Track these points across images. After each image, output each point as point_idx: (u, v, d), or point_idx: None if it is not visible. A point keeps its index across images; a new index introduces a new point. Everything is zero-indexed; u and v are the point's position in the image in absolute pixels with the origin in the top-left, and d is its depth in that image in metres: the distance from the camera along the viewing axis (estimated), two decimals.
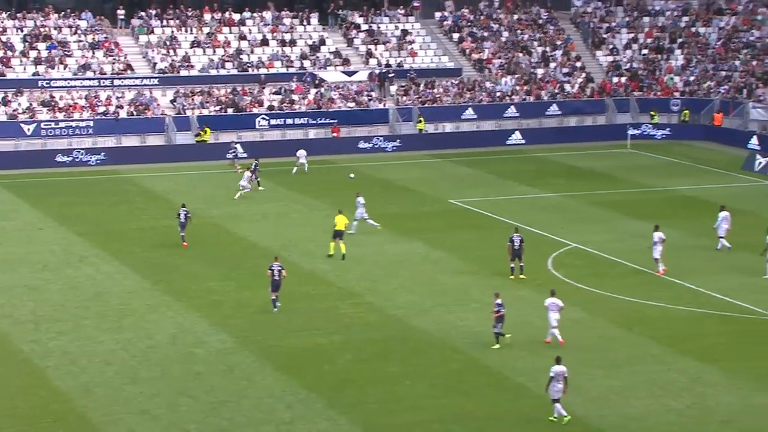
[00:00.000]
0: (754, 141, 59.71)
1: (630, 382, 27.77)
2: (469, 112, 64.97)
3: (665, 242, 37.27)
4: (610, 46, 70.99)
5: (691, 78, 67.46)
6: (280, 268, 33.38)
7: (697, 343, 30.49)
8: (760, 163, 55.15)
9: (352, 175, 51.31)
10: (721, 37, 69.39)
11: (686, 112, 65.47)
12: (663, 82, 67.70)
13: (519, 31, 71.37)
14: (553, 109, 66.01)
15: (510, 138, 63.51)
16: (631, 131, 63.12)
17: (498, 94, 66.23)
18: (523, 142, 63.26)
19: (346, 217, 40.28)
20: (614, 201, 48.91)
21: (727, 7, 71.51)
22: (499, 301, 30.18)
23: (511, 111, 65.41)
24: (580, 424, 25.60)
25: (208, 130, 59.55)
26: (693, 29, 70.90)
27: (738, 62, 66.73)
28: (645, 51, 70.32)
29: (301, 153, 54.71)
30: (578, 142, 63.26)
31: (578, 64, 69.42)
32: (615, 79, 68.06)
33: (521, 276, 36.64)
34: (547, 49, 70.15)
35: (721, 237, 39.87)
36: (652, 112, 65.63)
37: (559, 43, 70.60)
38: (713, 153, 60.22)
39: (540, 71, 68.53)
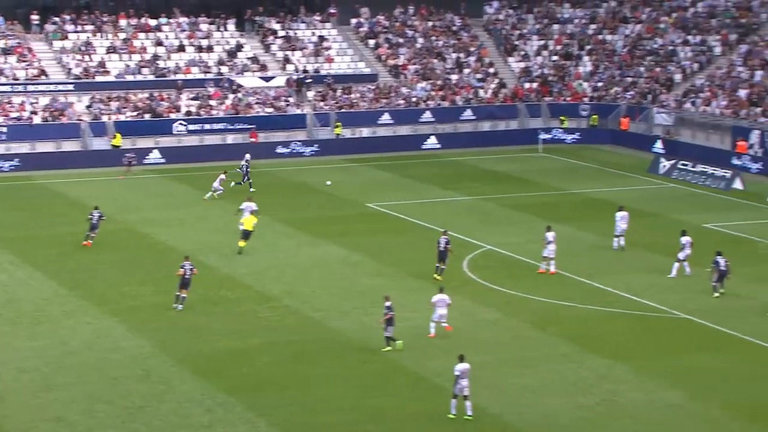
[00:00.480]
0: (658, 145, 60.99)
1: (543, 380, 28.08)
2: (386, 117, 65.15)
3: (550, 244, 37.52)
4: (522, 53, 71.85)
5: (599, 84, 68.63)
6: (191, 267, 33.29)
7: (607, 341, 30.97)
8: (665, 166, 56.35)
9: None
10: (626, 44, 70.74)
11: (595, 117, 66.57)
12: (572, 88, 68.76)
13: (433, 38, 71.82)
14: (468, 114, 66.54)
15: (426, 142, 63.83)
16: (542, 135, 63.97)
17: (414, 99, 66.54)
18: (438, 146, 63.64)
19: (255, 217, 40.26)
20: (527, 204, 49.48)
21: (631, 16, 72.94)
22: (388, 303, 30.09)
23: (427, 116, 65.76)
24: (496, 422, 25.80)
25: (118, 135, 58.61)
26: (600, 36, 72.15)
27: (643, 69, 68.10)
28: (555, 57, 71.34)
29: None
30: (492, 146, 63.87)
31: (491, 70, 70.11)
32: (527, 85, 68.89)
33: (438, 277, 36.72)
34: (461, 55, 70.73)
35: (618, 236, 40.45)
36: (562, 117, 66.62)
37: (472, 49, 71.23)
38: (620, 156, 61.33)
39: (454, 77, 69.05)
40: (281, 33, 69.84)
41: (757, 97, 60.11)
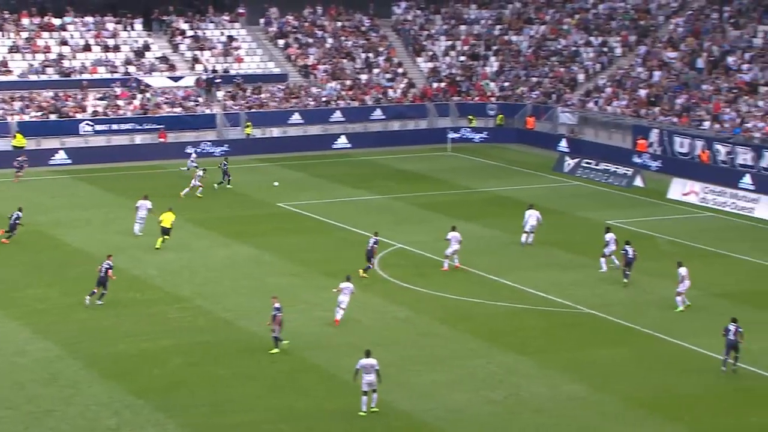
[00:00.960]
0: (563, 144, 62.03)
1: (453, 376, 28.34)
2: (296, 117, 64.94)
3: (461, 242, 38.01)
4: (430, 53, 72.34)
5: (506, 84, 69.50)
6: (107, 266, 33.11)
7: (514, 337, 31.38)
8: (569, 164, 57.34)
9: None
10: (531, 45, 71.76)
11: (501, 116, 67.40)
12: (480, 88, 69.50)
13: (343, 38, 71.84)
14: (377, 113, 66.73)
15: (336, 142, 63.82)
16: (451, 135, 64.51)
17: (324, 99, 66.47)
18: (349, 146, 63.69)
19: (173, 213, 40.33)
20: (437, 202, 49.84)
21: (536, 17, 74.03)
22: (277, 305, 29.90)
23: (337, 116, 65.74)
24: (405, 418, 25.95)
25: (18, 135, 57.25)
26: (506, 37, 73.05)
27: (547, 69, 69.19)
28: (462, 58, 72.01)
29: (193, 155, 53.25)
30: (402, 145, 64.16)
31: (400, 70, 70.43)
32: (435, 85, 69.39)
33: (363, 275, 36.78)
34: (371, 55, 70.89)
35: (527, 232, 41.03)
36: (470, 117, 67.28)
37: (381, 49, 71.45)
38: (526, 155, 62.23)
39: (364, 77, 69.18)
40: (189, 33, 69.08)
41: (656, 97, 61.58)
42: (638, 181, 53.49)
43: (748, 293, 34.89)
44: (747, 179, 51.25)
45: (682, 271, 33.90)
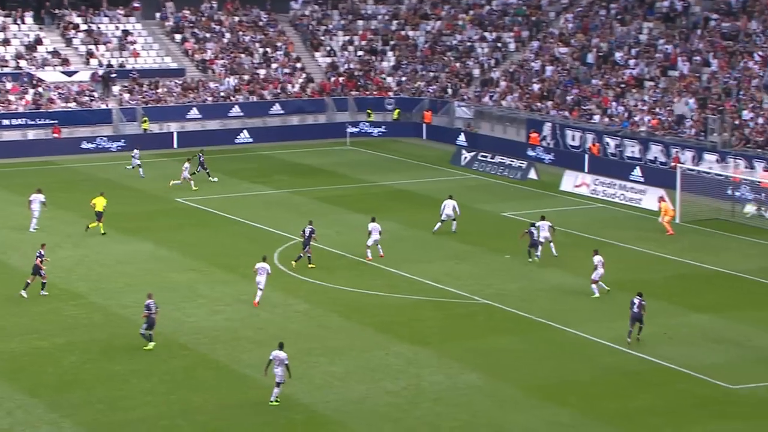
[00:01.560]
0: (460, 137, 62.72)
1: (351, 368, 28.44)
2: (194, 112, 64.18)
3: (381, 233, 38.50)
4: (328, 48, 72.28)
5: (403, 78, 69.89)
6: (39, 255, 33.31)
7: (412, 328, 31.62)
8: (466, 157, 58.00)
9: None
10: (428, 40, 72.30)
11: (397, 110, 67.75)
12: (378, 82, 69.73)
13: (240, 33, 71.24)
14: (276, 108, 66.43)
15: (238, 137, 63.37)
16: (350, 129, 64.59)
17: (222, 94, 65.83)
18: (250, 140, 63.32)
19: (104, 198, 41.16)
20: (336, 196, 49.88)
21: (432, 13, 74.59)
22: (149, 302, 29.42)
23: (236, 110, 65.22)
24: (305, 411, 25.95)
25: None
26: (403, 32, 73.44)
27: (443, 64, 69.80)
28: (360, 53, 72.14)
29: (136, 152, 52.02)
30: (301, 140, 64.01)
31: (298, 65, 70.21)
32: (333, 79, 69.36)
33: (310, 265, 37.10)
34: (269, 50, 70.48)
35: (442, 221, 41.79)
36: (368, 111, 67.47)
37: (279, 44, 71.10)
38: (424, 149, 62.72)
39: (262, 72, 68.75)
40: (83, 27, 67.63)
41: (548, 92, 62.70)
42: (532, 174, 54.43)
43: (633, 281, 35.91)
44: (637, 171, 52.65)
45: (596, 259, 34.44)
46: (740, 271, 37.67)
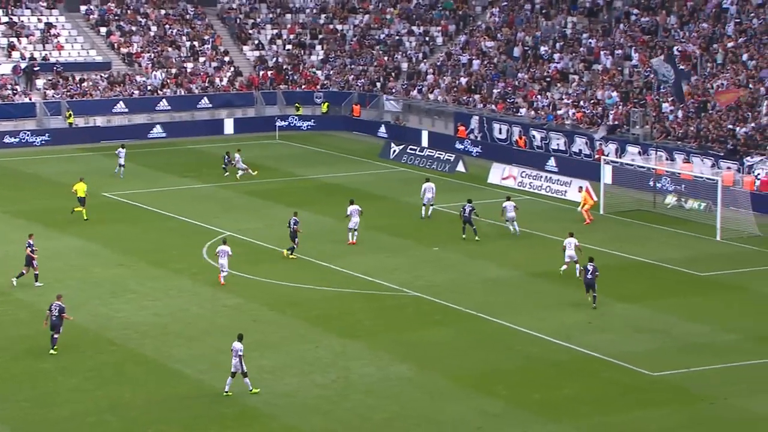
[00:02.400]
0: (387, 130, 62.84)
1: (282, 361, 28.40)
2: (120, 106, 63.31)
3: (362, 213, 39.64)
4: (256, 41, 71.82)
5: (332, 72, 69.77)
6: (29, 245, 33.79)
7: (343, 321, 31.67)
8: (395, 150, 58.16)
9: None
10: (356, 33, 72.29)
11: (326, 104, 67.63)
12: (307, 76, 69.51)
13: (167, 26, 70.41)
14: (204, 102, 65.83)
15: (166, 131, 62.66)
16: (278, 123, 64.31)
17: (149, 87, 64.99)
18: (174, 135, 62.61)
19: (85, 183, 42.51)
20: (265, 190, 49.66)
21: (359, 6, 74.58)
22: (55, 303, 28.49)
23: (163, 104, 64.47)
24: (236, 405, 25.83)
25: None
26: (331, 26, 73.30)
27: (372, 57, 69.86)
28: (289, 46, 71.82)
29: (121, 152, 50.88)
30: (230, 133, 63.52)
31: (226, 59, 69.63)
32: (262, 73, 68.95)
33: (291, 256, 37.50)
34: (196, 43, 69.78)
35: (425, 205, 43.23)
36: (296, 105, 67.23)
37: (206, 37, 70.44)
38: (353, 142, 62.74)
39: (189, 65, 68.03)
40: (4, 19, 66.20)
41: (475, 85, 63.17)
42: (460, 167, 54.82)
43: (557, 272, 36.46)
44: (553, 162, 53.40)
45: (570, 241, 35.73)
46: (662, 261, 38.42)
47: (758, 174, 46.99)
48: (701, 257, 38.71)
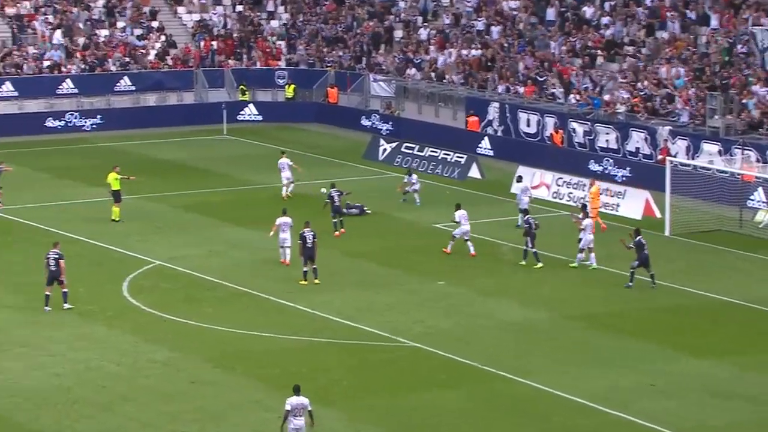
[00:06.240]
0: (376, 122, 63.03)
1: None
2: (8, 88, 63.56)
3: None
4: (196, 1, 72.07)
5: (299, 43, 69.92)
6: (57, 256, 35.61)
7: (313, 382, 31.59)
8: (385, 150, 58.26)
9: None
10: None
11: (292, 87, 67.82)
12: (265, 48, 69.68)
13: None
14: (125, 83, 66.03)
15: (71, 122, 62.82)
16: (226, 112, 64.51)
17: (47, 63, 65.10)
18: (88, 126, 62.86)
19: (117, 173, 45.01)
20: (208, 202, 49.89)
21: None
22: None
23: (67, 86, 64.67)
24: None
25: None
26: None
27: (354, 22, 70.01)
28: (240, 7, 72.08)
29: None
30: (159, 126, 63.71)
31: (155, 24, 69.84)
32: (203, 44, 69.13)
33: (315, 281, 38.51)
34: (113, 2, 69.96)
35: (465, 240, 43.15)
36: (242, 86, 67.32)
37: None
38: (328, 138, 62.88)
39: (103, 32, 68.19)
40: None
41: (494, 60, 63.08)
42: (474, 171, 54.94)
43: (607, 315, 36.55)
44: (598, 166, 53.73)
45: (586, 222, 40.56)
46: (752, 301, 38.49)
47: None
48: None
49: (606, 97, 57.56)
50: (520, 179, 48.25)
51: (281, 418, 27.32)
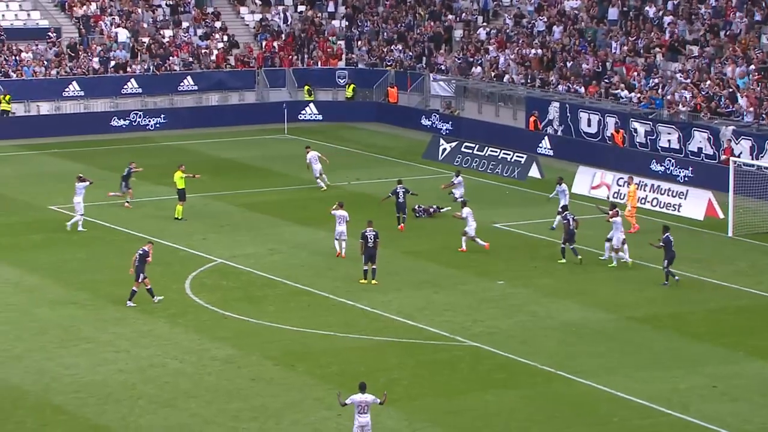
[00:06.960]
0: (436, 122, 63.01)
1: None
2: (74, 88, 64.07)
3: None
4: (258, 1, 72.38)
5: (360, 43, 70.02)
6: (142, 252, 36.76)
7: (373, 379, 31.63)
8: (445, 149, 58.24)
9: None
10: None
11: (352, 86, 67.97)
12: (325, 48, 69.85)
13: None
14: (188, 83, 66.46)
15: (136, 121, 63.31)
16: (287, 111, 64.71)
17: (113, 63, 65.66)
18: (153, 126, 63.30)
19: (182, 172, 45.93)
20: (270, 201, 50.06)
21: None
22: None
23: (132, 86, 65.17)
24: None
25: None
26: None
27: (414, 22, 70.00)
28: (302, 8, 72.30)
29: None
30: (221, 126, 64.07)
31: (218, 24, 70.23)
32: (265, 44, 69.43)
33: (373, 281, 38.77)
34: (174, 1, 70.43)
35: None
36: (307, 87, 67.55)
37: None
38: (388, 138, 62.92)
39: (167, 33, 68.69)
40: None
41: (553, 59, 62.88)
42: (534, 171, 54.81)
43: (671, 316, 36.30)
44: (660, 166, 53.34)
45: (616, 220, 40.55)
46: None
47: None
48: None
49: (668, 97, 57.22)
50: (560, 181, 47.73)
51: (339, 416, 27.43)
